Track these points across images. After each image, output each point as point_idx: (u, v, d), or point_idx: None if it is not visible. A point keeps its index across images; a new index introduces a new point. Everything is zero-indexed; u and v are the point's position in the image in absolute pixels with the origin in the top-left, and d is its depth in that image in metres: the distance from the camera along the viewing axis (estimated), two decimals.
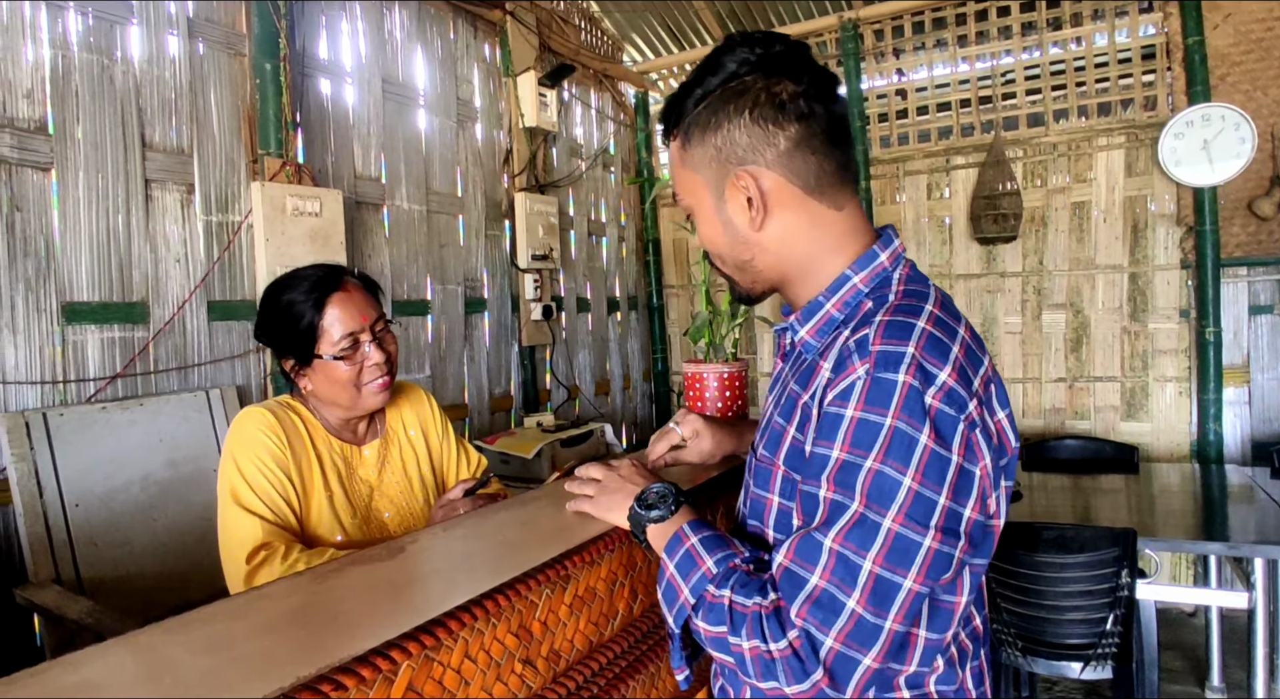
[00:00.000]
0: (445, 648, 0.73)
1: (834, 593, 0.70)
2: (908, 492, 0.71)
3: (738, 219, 0.86)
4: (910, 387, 0.72)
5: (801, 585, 0.72)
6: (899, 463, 0.71)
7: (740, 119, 0.82)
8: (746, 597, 0.76)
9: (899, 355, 0.73)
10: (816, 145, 0.83)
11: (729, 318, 1.62)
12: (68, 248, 2.06)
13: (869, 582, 0.70)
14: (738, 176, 0.84)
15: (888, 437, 0.71)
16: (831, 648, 0.70)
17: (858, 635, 0.70)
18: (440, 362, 3.30)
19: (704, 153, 0.86)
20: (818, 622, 0.70)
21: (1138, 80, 3.68)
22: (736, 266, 0.91)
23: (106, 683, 0.62)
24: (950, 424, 0.72)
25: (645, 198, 4.89)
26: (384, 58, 3.10)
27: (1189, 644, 3.26)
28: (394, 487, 1.47)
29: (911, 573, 0.70)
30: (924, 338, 0.74)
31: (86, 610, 1.62)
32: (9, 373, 1.93)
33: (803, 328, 0.88)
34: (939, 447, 0.71)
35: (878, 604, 0.70)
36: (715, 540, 0.85)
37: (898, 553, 0.70)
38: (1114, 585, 2.12)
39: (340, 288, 1.36)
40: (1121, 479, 3.06)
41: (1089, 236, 3.81)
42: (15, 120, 1.97)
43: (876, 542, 0.70)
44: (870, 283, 0.85)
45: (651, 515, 0.92)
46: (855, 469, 0.72)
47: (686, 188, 0.91)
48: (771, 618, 0.73)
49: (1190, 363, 3.62)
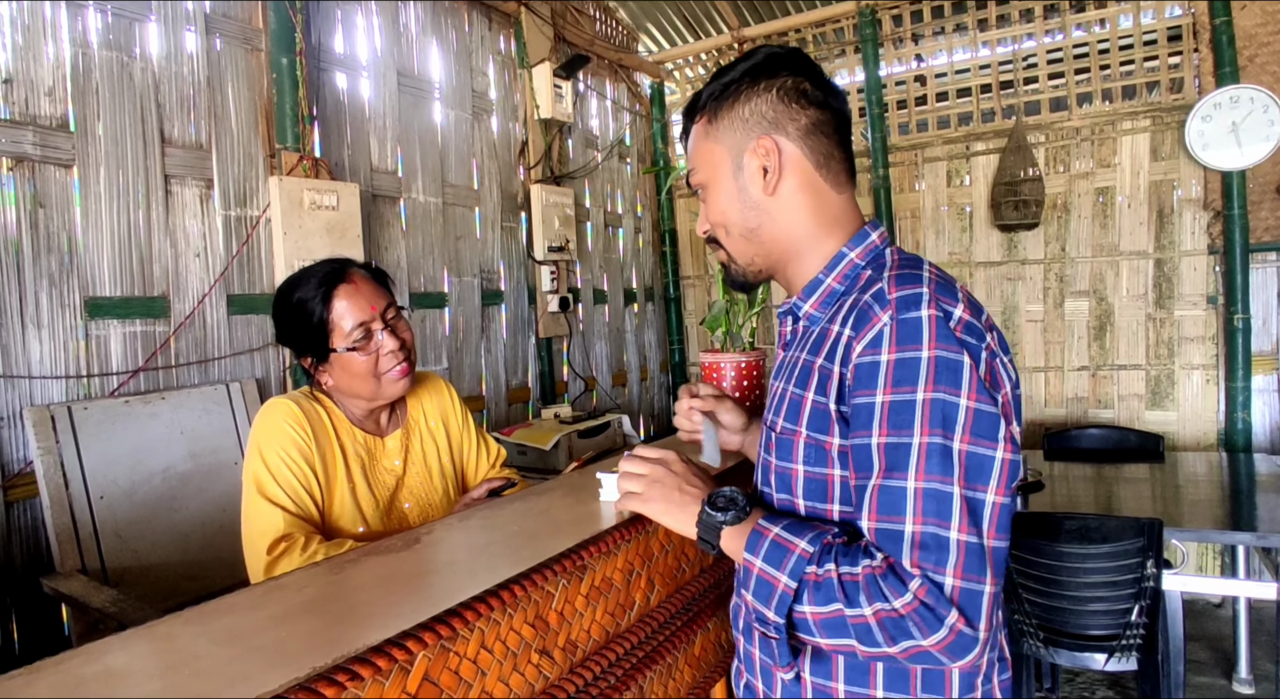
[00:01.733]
0: (461, 639, 0.73)
1: (935, 532, 0.71)
2: (967, 411, 0.73)
3: (752, 185, 0.92)
4: (936, 318, 0.76)
5: (900, 537, 0.73)
6: (950, 387, 0.74)
7: (768, 95, 0.90)
8: (852, 564, 0.75)
9: (917, 296, 0.78)
10: (829, 131, 0.92)
11: (746, 307, 1.61)
12: (90, 244, 2.08)
13: (962, 507, 0.72)
14: (759, 141, 0.90)
15: (930, 367, 0.74)
16: (955, 586, 0.70)
17: (971, 563, 0.71)
18: (457, 353, 3.31)
19: (730, 123, 0.92)
20: (933, 564, 0.71)
21: (1164, 62, 3.60)
22: (743, 235, 0.95)
23: (127, 673, 0.63)
24: (976, 349, 0.77)
25: (661, 188, 4.87)
26: (399, 51, 3.10)
27: (1216, 635, 3.21)
28: (414, 477, 1.48)
29: (991, 486, 0.73)
30: (933, 282, 0.80)
31: (111, 600, 1.65)
32: (34, 367, 1.96)
33: (806, 303, 0.94)
34: (977, 366, 0.75)
35: (974, 524, 0.71)
36: (799, 524, 0.83)
37: (975, 471, 0.73)
38: (1139, 576, 2.09)
39: (346, 280, 1.36)
40: (1146, 468, 3.01)
41: (1113, 222, 3.75)
42: (37, 118, 1.99)
43: (954, 466, 0.72)
44: (865, 257, 0.91)
45: (726, 519, 0.86)
46: (908, 407, 0.74)
47: (705, 160, 0.95)
48: (888, 576, 0.72)
49: (1218, 350, 3.55)
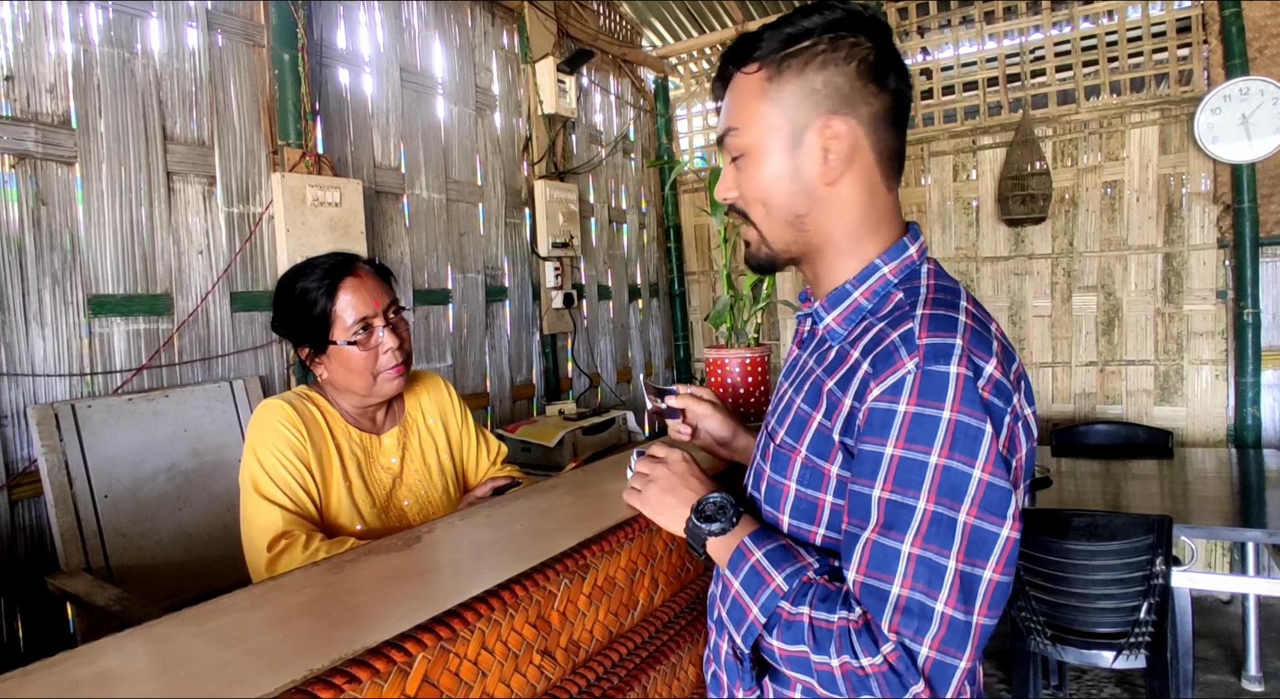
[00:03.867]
0: (462, 639, 0.72)
1: (922, 600, 0.69)
2: (979, 484, 0.69)
3: (809, 168, 0.82)
4: (965, 378, 0.71)
5: (885, 597, 0.70)
6: (966, 456, 0.69)
7: (847, 67, 0.80)
8: (829, 612, 0.73)
9: (949, 348, 0.72)
10: (894, 121, 0.83)
11: (751, 302, 1.59)
12: (93, 241, 2.08)
13: (955, 581, 0.68)
14: (829, 121, 0.80)
15: (949, 430, 0.70)
16: (929, 657, 0.68)
17: (952, 639, 0.68)
18: (461, 350, 3.30)
19: (799, 89, 0.81)
20: (911, 632, 0.68)
21: (1173, 54, 3.57)
22: (786, 219, 0.85)
23: (122, 675, 0.62)
24: (1000, 415, 0.72)
25: (665, 182, 4.85)
26: (402, 46, 3.08)
27: (1225, 632, 3.19)
28: (413, 475, 1.48)
29: (990, 563, 0.69)
30: (968, 331, 0.74)
31: (114, 598, 1.64)
32: (38, 365, 1.96)
33: (829, 315, 0.86)
34: (997, 436, 0.71)
35: (965, 601, 0.68)
36: (781, 553, 0.81)
37: (976, 546, 0.69)
38: (1148, 573, 2.07)
39: (352, 273, 1.36)
40: (1155, 464, 2.99)
41: (1121, 216, 3.72)
42: (39, 115, 1.98)
43: (955, 539, 0.69)
44: (899, 274, 0.84)
45: (712, 529, 0.86)
46: (918, 466, 0.70)
47: (755, 123, 0.83)
48: (862, 633, 0.70)
49: (1227, 345, 3.53)
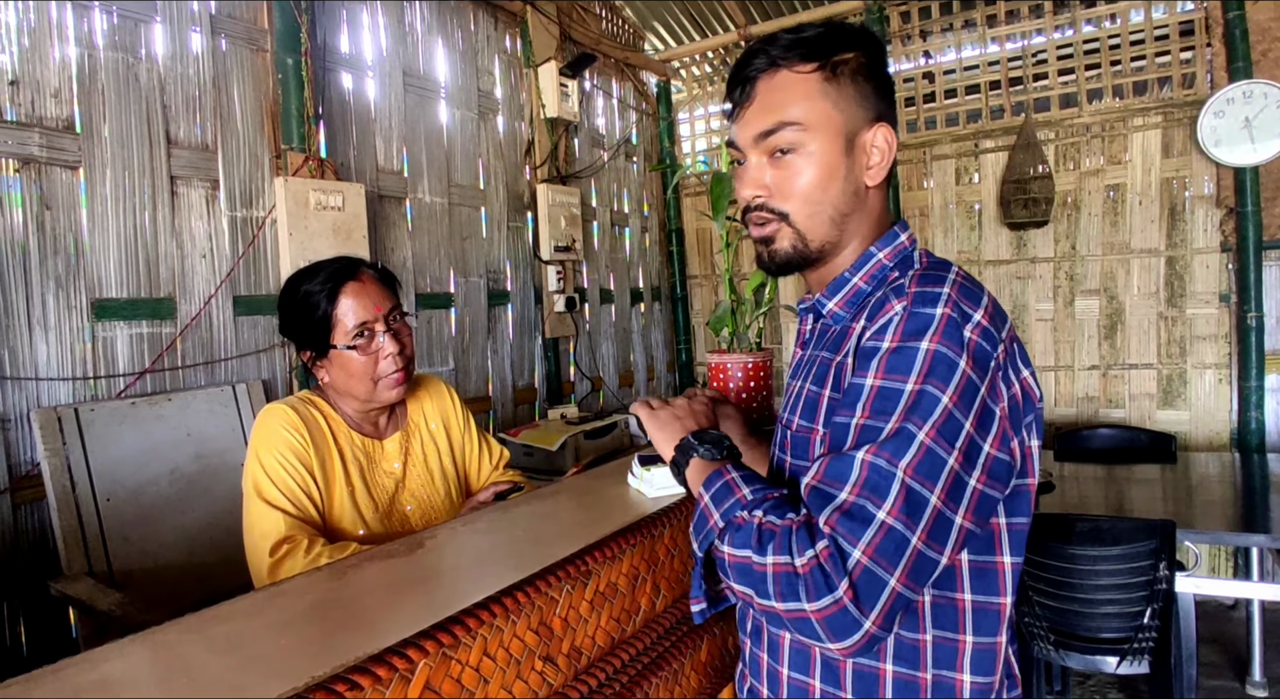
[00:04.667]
0: (464, 646, 0.72)
1: (864, 504, 0.69)
2: (943, 409, 0.71)
3: (858, 169, 0.88)
4: (949, 317, 0.74)
5: (831, 499, 0.71)
6: (939, 382, 0.72)
7: (885, 78, 0.88)
8: (778, 516, 0.74)
9: (936, 294, 0.76)
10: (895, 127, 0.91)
11: (753, 307, 1.59)
12: (96, 245, 2.08)
13: (901, 491, 0.68)
14: (878, 127, 0.87)
15: (927, 359, 0.73)
16: (859, 561, 0.67)
17: (886, 548, 0.67)
18: (463, 354, 3.30)
19: (856, 93, 0.86)
20: (845, 531, 0.68)
21: (1175, 57, 3.57)
22: (830, 218, 0.88)
23: (124, 682, 0.62)
24: (985, 357, 0.74)
25: (668, 186, 4.85)
26: (405, 51, 3.09)
27: (1229, 638, 3.18)
28: (416, 480, 1.48)
29: (938, 489, 0.69)
30: (957, 286, 0.78)
31: (117, 602, 1.64)
32: (41, 369, 1.96)
33: (830, 301, 0.91)
34: (974, 374, 0.73)
35: (909, 514, 0.68)
36: (756, 478, 0.84)
37: (927, 466, 0.70)
38: (1151, 578, 2.07)
39: (355, 277, 1.37)
40: (1158, 469, 2.98)
41: (1124, 220, 3.71)
42: (44, 120, 1.99)
43: (909, 452, 0.70)
44: (894, 259, 0.89)
45: (700, 450, 0.91)
46: (894, 393, 0.73)
47: (814, 122, 0.85)
48: (801, 531, 0.71)
49: (1231, 349, 3.52)
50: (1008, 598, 0.81)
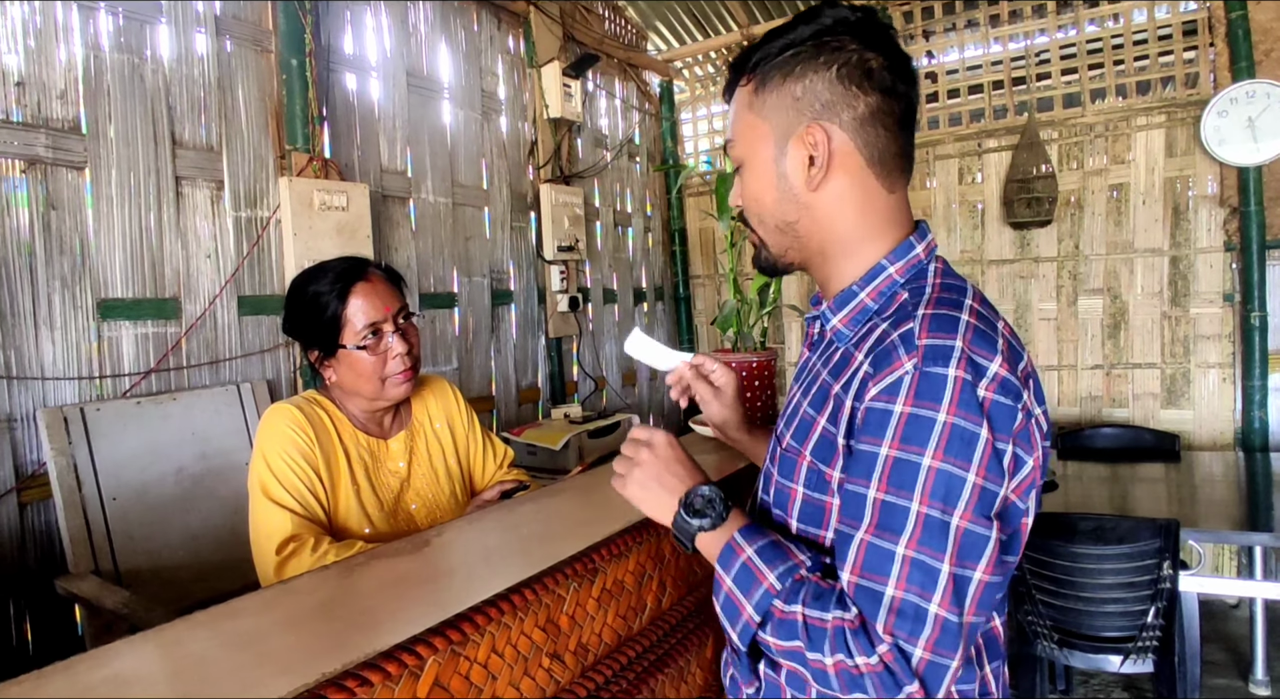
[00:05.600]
0: (472, 643, 0.73)
1: (916, 602, 0.69)
2: (973, 488, 0.69)
3: (795, 175, 0.84)
4: (963, 381, 0.70)
5: (880, 598, 0.70)
6: (960, 460, 0.69)
7: (827, 73, 0.81)
8: (822, 610, 0.73)
9: (948, 349, 0.72)
10: (889, 123, 0.82)
11: (757, 306, 1.59)
12: (102, 245, 2.09)
13: (948, 584, 0.68)
14: (809, 129, 0.81)
15: (945, 433, 0.70)
16: (922, 658, 0.68)
17: (945, 640, 0.68)
18: (467, 354, 3.31)
19: (780, 99, 0.83)
20: (905, 634, 0.68)
21: (1178, 57, 3.56)
22: (778, 227, 0.87)
23: (135, 678, 0.62)
24: (1008, 415, 0.72)
25: (671, 186, 4.85)
26: (408, 51, 3.10)
27: (1232, 636, 3.18)
28: (421, 479, 1.48)
29: (981, 565, 0.70)
30: (970, 331, 0.73)
31: (123, 601, 1.65)
32: (47, 369, 1.97)
33: (835, 316, 0.87)
34: (998, 441, 0.71)
35: (957, 602, 0.69)
36: (773, 550, 0.80)
37: (968, 549, 0.69)
38: (1155, 577, 2.07)
39: (364, 278, 1.37)
40: (1161, 468, 2.98)
41: (1127, 219, 3.71)
42: (50, 120, 1.99)
43: (949, 543, 0.69)
44: (906, 274, 0.84)
45: (702, 524, 0.85)
46: (912, 467, 0.70)
47: (747, 135, 0.87)
48: (858, 634, 0.70)
49: (1234, 348, 3.51)
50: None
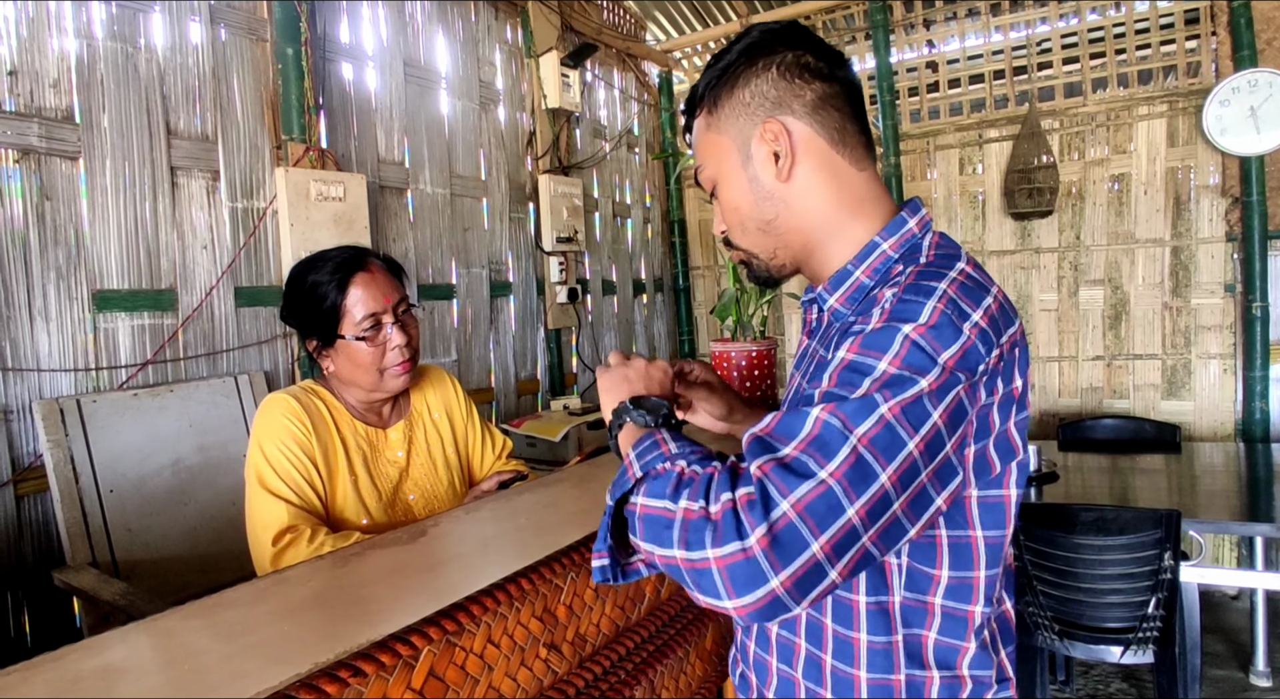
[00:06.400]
0: (468, 633, 0.72)
1: (808, 461, 0.62)
2: (916, 392, 0.66)
3: (764, 173, 0.85)
4: (941, 312, 0.69)
5: (774, 450, 0.65)
6: (916, 369, 0.67)
7: (768, 74, 0.85)
8: (701, 466, 0.69)
9: (930, 288, 0.72)
10: (839, 104, 0.85)
11: (757, 295, 1.58)
12: (97, 236, 2.08)
13: (851, 456, 0.62)
14: (765, 125, 0.84)
15: (906, 344, 0.68)
16: (785, 513, 0.60)
17: (818, 508, 0.60)
18: (466, 345, 3.30)
19: (731, 110, 0.87)
20: (779, 480, 0.61)
21: (1180, 46, 3.54)
22: (760, 228, 0.88)
23: (125, 669, 0.61)
24: (973, 360, 0.69)
25: (670, 177, 4.83)
26: (405, 41, 3.07)
27: (1232, 627, 3.18)
28: (419, 469, 1.47)
29: (890, 469, 0.63)
30: (957, 282, 0.73)
31: (121, 592, 1.64)
32: (43, 360, 1.96)
33: (832, 296, 0.86)
34: (959, 371, 0.68)
35: (852, 482, 0.61)
36: (690, 441, 0.77)
37: (885, 440, 0.63)
38: (1156, 568, 2.06)
39: (364, 268, 1.36)
40: (1162, 459, 2.98)
41: (1129, 210, 3.69)
42: (43, 110, 1.98)
43: (869, 420, 0.64)
44: (900, 249, 0.83)
45: (633, 415, 0.85)
46: (865, 367, 0.68)
47: (711, 153, 0.89)
48: (724, 475, 0.65)
49: (1236, 339, 3.50)
50: (979, 607, 0.78)
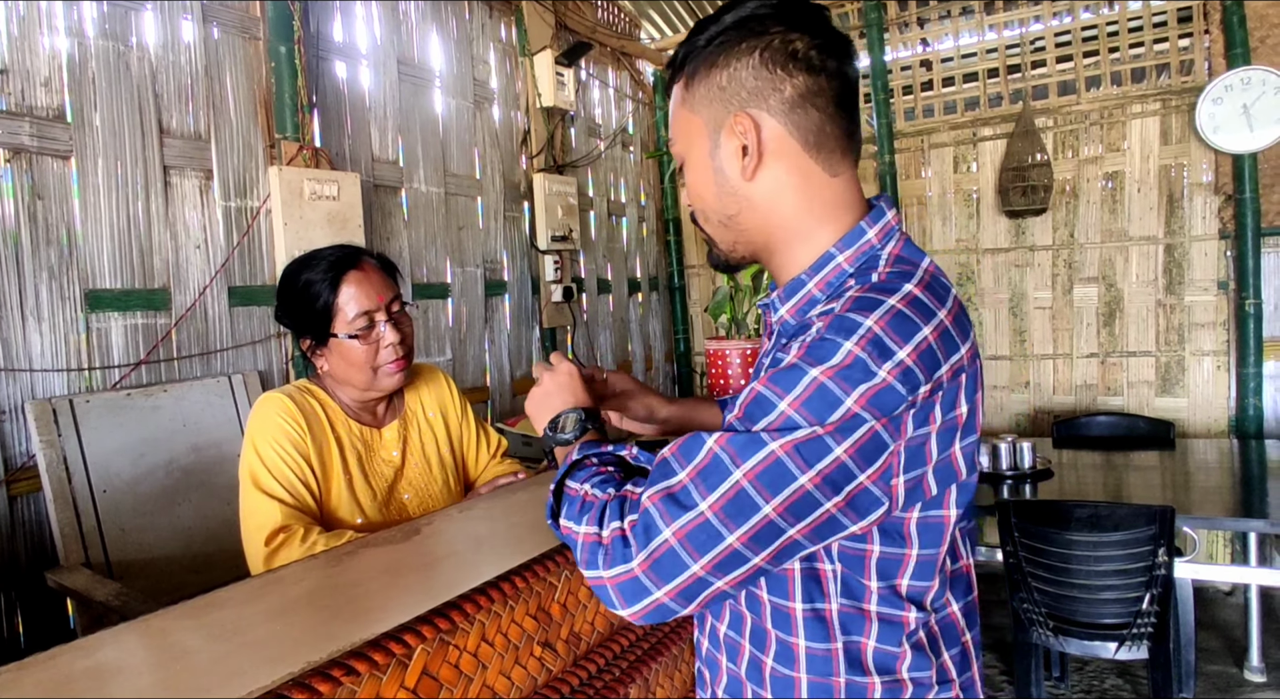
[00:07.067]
0: (461, 632, 0.72)
1: (692, 490, 0.67)
2: (809, 433, 0.66)
3: (729, 167, 0.81)
4: (856, 356, 0.67)
5: (668, 475, 0.70)
6: (811, 414, 0.67)
7: (750, 59, 0.78)
8: (601, 490, 0.76)
9: (856, 324, 0.69)
10: (822, 103, 0.79)
11: (751, 293, 1.58)
12: (89, 235, 2.07)
13: (731, 490, 0.66)
14: (736, 118, 0.79)
15: (810, 388, 0.67)
16: (666, 540, 0.67)
17: (698, 537, 0.66)
18: (461, 344, 3.29)
19: (707, 91, 0.81)
20: (664, 509, 0.67)
21: (1173, 44, 3.55)
22: (721, 222, 0.86)
23: (118, 669, 0.61)
24: (889, 401, 0.67)
25: (665, 175, 4.83)
26: (399, 39, 3.07)
27: (1226, 623, 3.19)
28: (413, 469, 1.47)
29: (775, 501, 0.65)
30: (891, 314, 0.70)
31: (114, 593, 1.64)
32: (35, 360, 1.95)
33: (783, 306, 0.85)
34: (866, 412, 0.67)
35: (732, 515, 0.66)
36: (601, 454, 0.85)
37: (772, 475, 0.65)
38: (1150, 564, 2.07)
39: (357, 266, 1.36)
40: (1156, 455, 2.99)
41: (1122, 207, 3.70)
42: (34, 109, 1.97)
43: (756, 456, 0.66)
44: (855, 262, 0.80)
45: (559, 439, 0.93)
46: (767, 404, 0.69)
47: (683, 131, 0.86)
48: (614, 504, 0.72)
49: (1229, 336, 3.52)
50: (912, 614, 0.77)
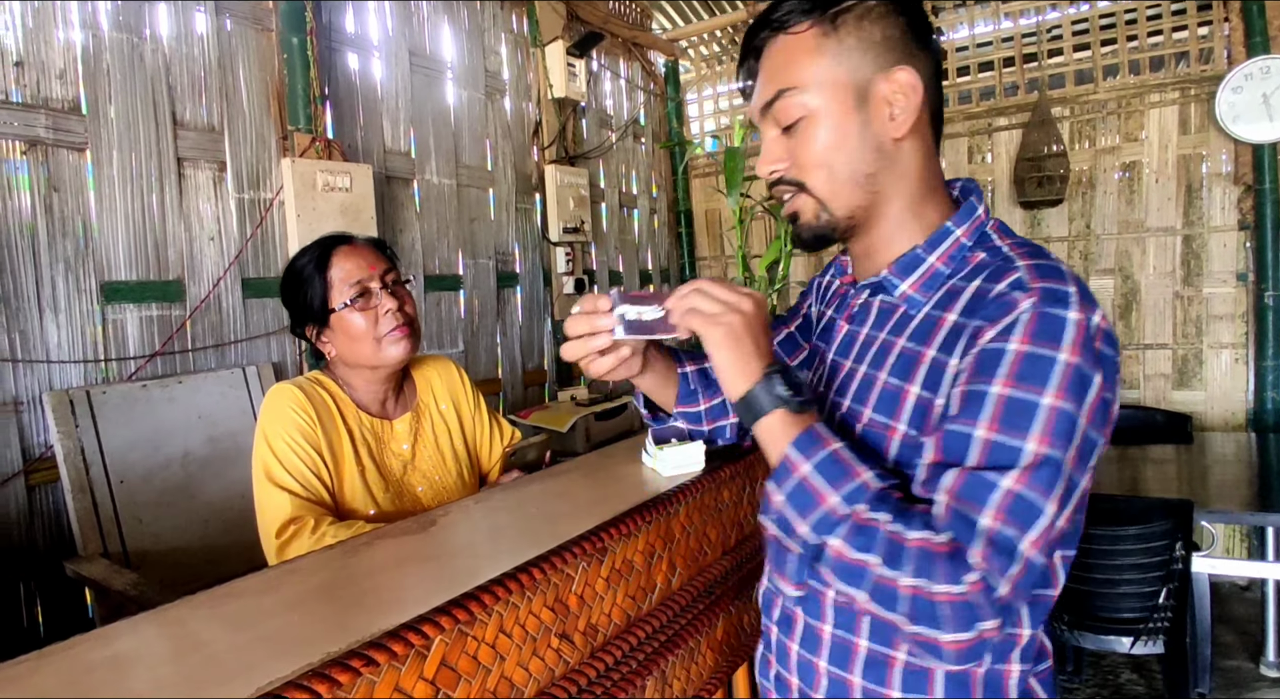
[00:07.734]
0: (480, 622, 0.72)
1: (1011, 537, 0.66)
2: (1082, 433, 0.68)
3: (877, 123, 0.79)
4: (1082, 324, 0.68)
5: (974, 526, 0.66)
6: (1075, 402, 0.67)
7: (900, 19, 0.79)
8: (907, 527, 0.68)
9: (1065, 293, 0.69)
10: (938, 83, 0.82)
11: (766, 284, 1.57)
12: (104, 227, 2.08)
13: (1046, 525, 0.66)
14: (896, 71, 0.77)
15: (1066, 374, 0.67)
16: (1003, 595, 0.65)
17: (1027, 581, 0.66)
18: (473, 336, 3.30)
19: (857, 44, 0.78)
20: (998, 567, 0.65)
21: (1193, 32, 3.50)
22: (853, 179, 0.80)
23: (136, 659, 0.61)
24: (1111, 367, 0.70)
25: (677, 166, 4.81)
26: (411, 30, 3.06)
27: (1243, 618, 3.16)
28: (426, 461, 1.47)
29: (1068, 512, 0.69)
30: (1076, 280, 0.72)
31: (131, 583, 1.65)
32: (52, 352, 1.96)
33: (904, 282, 0.82)
34: (1106, 390, 0.69)
35: (1045, 547, 0.67)
36: (860, 454, 0.75)
37: (1068, 495, 0.68)
38: (1167, 558, 2.05)
39: (346, 243, 1.40)
40: (1173, 449, 2.96)
41: (1140, 198, 3.66)
42: (49, 101, 1.97)
43: (1058, 485, 0.67)
44: (972, 237, 0.81)
45: (790, 399, 0.76)
46: (1029, 407, 0.67)
47: (816, 81, 0.79)
48: (946, 559, 0.66)
49: (1248, 328, 3.47)
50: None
